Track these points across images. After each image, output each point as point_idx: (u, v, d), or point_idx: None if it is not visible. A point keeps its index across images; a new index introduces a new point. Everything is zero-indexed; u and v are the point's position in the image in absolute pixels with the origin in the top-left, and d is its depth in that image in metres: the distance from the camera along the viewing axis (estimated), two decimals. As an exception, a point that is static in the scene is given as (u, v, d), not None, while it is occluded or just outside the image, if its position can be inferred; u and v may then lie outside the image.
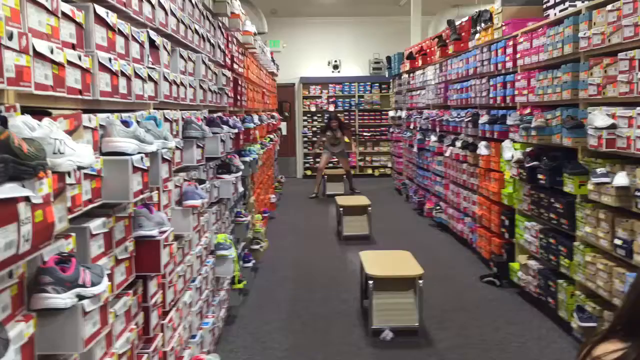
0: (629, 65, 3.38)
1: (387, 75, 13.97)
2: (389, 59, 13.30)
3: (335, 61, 15.02)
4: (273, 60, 10.88)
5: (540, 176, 4.67)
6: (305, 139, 15.01)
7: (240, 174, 4.70)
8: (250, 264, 5.56)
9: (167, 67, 2.91)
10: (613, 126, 3.52)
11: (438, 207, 8.39)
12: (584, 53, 4.04)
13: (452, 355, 4.13)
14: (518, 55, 5.33)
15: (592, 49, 3.88)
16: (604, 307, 3.81)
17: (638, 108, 3.28)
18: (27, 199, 1.26)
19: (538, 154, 4.81)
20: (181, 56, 3.23)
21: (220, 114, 4.40)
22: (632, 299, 1.55)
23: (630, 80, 3.36)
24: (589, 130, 3.82)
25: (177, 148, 2.99)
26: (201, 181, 3.49)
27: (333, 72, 15.04)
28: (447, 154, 7.80)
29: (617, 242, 3.52)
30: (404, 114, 11.45)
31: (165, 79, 2.82)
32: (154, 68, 2.63)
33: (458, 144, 7.26)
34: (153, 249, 2.28)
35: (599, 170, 3.67)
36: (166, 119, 2.83)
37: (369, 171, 14.74)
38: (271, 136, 9.57)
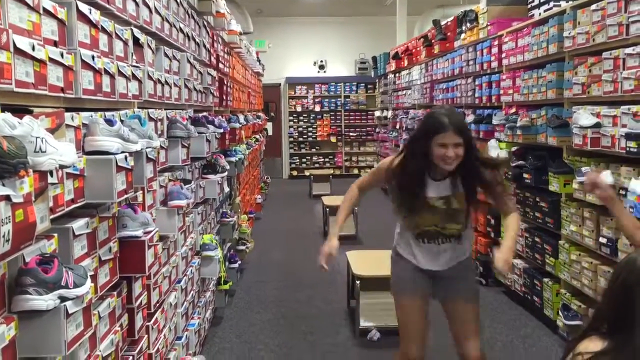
0: (613, 65, 3.40)
1: (373, 75, 13.99)
2: (374, 59, 13.32)
3: (321, 61, 15.01)
4: (259, 60, 10.85)
5: (525, 175, 4.70)
6: (291, 139, 14.98)
7: (225, 174, 4.67)
8: (236, 265, 5.53)
9: (152, 66, 2.87)
10: (598, 125, 3.54)
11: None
12: (569, 52, 4.07)
13: (438, 355, 4.13)
14: (503, 55, 5.35)
15: (577, 48, 3.90)
16: (590, 306, 3.83)
17: (622, 107, 3.30)
18: (7, 197, 1.23)
19: (523, 153, 4.83)
20: (166, 55, 3.19)
21: (205, 113, 4.37)
22: (609, 297, 1.56)
23: (614, 79, 3.39)
24: (574, 129, 3.84)
25: (161, 147, 2.96)
26: (186, 181, 3.45)
27: (319, 72, 15.03)
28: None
29: (602, 240, 3.54)
30: (390, 114, 11.48)
31: (150, 77, 2.79)
32: (138, 66, 2.59)
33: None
34: (137, 249, 2.25)
35: (584, 169, 3.70)
36: (150, 118, 2.79)
37: (355, 171, 14.74)
38: (257, 136, 9.53)
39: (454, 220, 2.70)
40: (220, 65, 5.33)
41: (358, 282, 4.39)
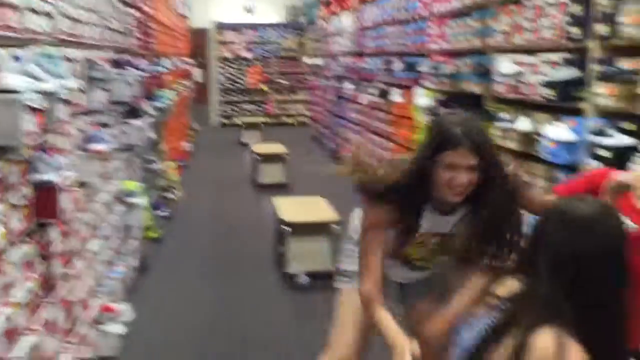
0: (533, 13, 3.47)
1: (303, 22, 13.78)
2: (305, 4, 13.11)
3: (250, 6, 14.61)
4: (184, 3, 10.44)
5: (450, 122, 4.80)
6: (221, 86, 14.66)
7: (150, 119, 4.53)
8: (164, 213, 5.44)
9: (66, 2, 2.70)
10: (518, 73, 3.64)
11: (353, 155, 8.50)
12: (493, 1, 4.12)
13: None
14: (431, 2, 5.37)
15: (501, -4, 3.96)
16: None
17: (542, 55, 3.40)
18: None
19: (448, 101, 4.93)
20: (80, -10, 3.01)
21: (127, 56, 4.18)
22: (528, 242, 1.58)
23: (534, 28, 3.47)
24: (496, 77, 3.93)
25: (79, 90, 2.82)
26: (107, 126, 3.33)
27: (248, 14, 14.62)
28: (362, 102, 7.86)
29: (519, 184, 3.69)
30: (320, 61, 11.39)
31: (64, 14, 2.63)
32: (50, 2, 2.43)
33: (373, 91, 7.33)
34: (52, 195, 2.16)
35: (504, 115, 3.81)
36: (67, 59, 2.65)
37: (286, 119, 14.67)
38: (184, 82, 9.27)
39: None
40: (142, 6, 5.10)
41: (286, 228, 4.43)
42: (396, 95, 6.38)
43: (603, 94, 2.81)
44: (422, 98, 5.46)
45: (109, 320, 3.11)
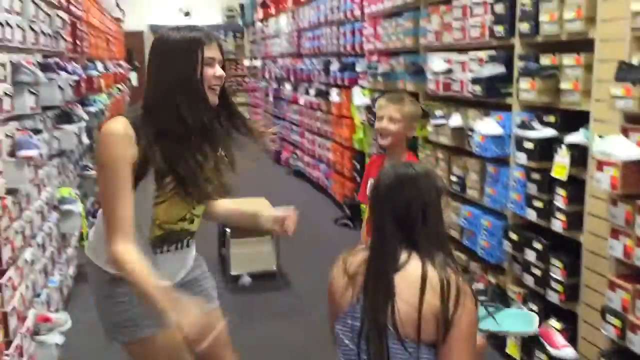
0: (461, 13, 3.60)
1: (241, 24, 13.72)
2: (242, 6, 13.05)
3: (186, 8, 14.43)
4: (117, 5, 10.22)
5: (386, 120, 4.90)
6: (158, 90, 14.38)
7: (83, 124, 4.42)
8: (101, 220, 5.32)
9: (-12, 4, 2.62)
10: (449, 71, 3.76)
11: (294, 156, 8.54)
12: (424, 1, 4.24)
13: (308, 293, 4.30)
14: (365, 3, 5.47)
15: (431, -3, 4.08)
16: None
17: (470, 53, 3.53)
18: None
19: (384, 100, 5.02)
20: (4, -8, 2.92)
21: (56, 59, 4.07)
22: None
23: (462, 27, 3.60)
24: (428, 75, 4.05)
25: (5, 94, 2.73)
26: (37, 131, 3.24)
27: (185, 18, 14.45)
28: (301, 102, 7.91)
29: (453, 178, 3.82)
30: (259, 63, 11.38)
31: (-14, 17, 2.54)
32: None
33: (311, 91, 7.38)
34: (-19, 202, 2.09)
35: (437, 112, 3.93)
36: (-10, 62, 2.56)
37: (226, 122, 14.52)
38: (119, 86, 9.07)
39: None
40: (72, 8, 4.97)
41: (227, 230, 4.41)
42: (335, 95, 6.45)
43: (527, 89, 2.95)
44: (360, 97, 5.55)
45: (47, 331, 3.02)
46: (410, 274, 1.59)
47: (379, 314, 1.58)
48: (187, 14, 14.50)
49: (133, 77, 11.99)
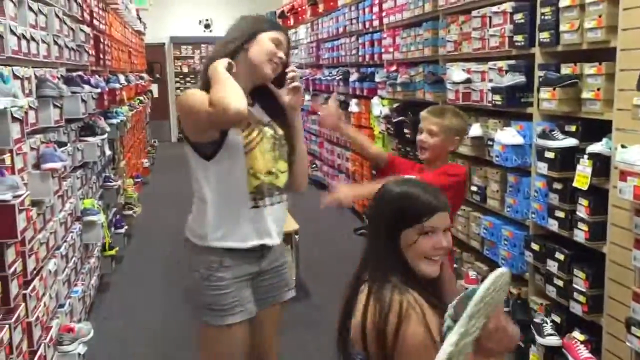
0: (481, 23, 3.60)
1: (260, 35, 13.80)
2: (261, 18, 13.13)
3: (207, 20, 14.60)
4: (139, 18, 10.37)
5: (406, 130, 4.90)
6: (179, 101, 14.54)
7: (106, 136, 4.49)
8: (122, 230, 5.38)
9: (14, 20, 2.68)
10: (468, 80, 3.75)
11: (314, 166, 8.56)
12: (443, 11, 4.24)
13: (329, 305, 4.29)
14: (384, 14, 5.49)
15: (450, 7, 4.08)
16: (463, 249, 4.11)
17: (489, 63, 3.52)
18: None
19: (403, 109, 5.03)
20: (30, 8, 2.98)
21: (80, 72, 4.14)
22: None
23: (482, 36, 3.59)
24: (448, 85, 4.04)
25: (30, 107, 2.79)
26: (61, 143, 3.29)
27: (205, 31, 14.61)
28: (320, 113, 7.92)
29: (473, 188, 3.80)
30: (278, 74, 11.43)
31: (13, 32, 2.60)
32: (-2, 20, 2.41)
33: (330, 102, 7.39)
34: (7, 214, 2.14)
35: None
36: (16, 76, 2.62)
37: (246, 133, 14.61)
38: (141, 98, 9.19)
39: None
40: (95, 22, 5.06)
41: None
42: (354, 105, 6.47)
43: (547, 98, 2.93)
44: (379, 107, 5.56)
45: (70, 341, 3.06)
46: (362, 295, 1.61)
47: (341, 329, 1.65)
48: (207, 26, 14.66)
49: (154, 88, 12.15)
